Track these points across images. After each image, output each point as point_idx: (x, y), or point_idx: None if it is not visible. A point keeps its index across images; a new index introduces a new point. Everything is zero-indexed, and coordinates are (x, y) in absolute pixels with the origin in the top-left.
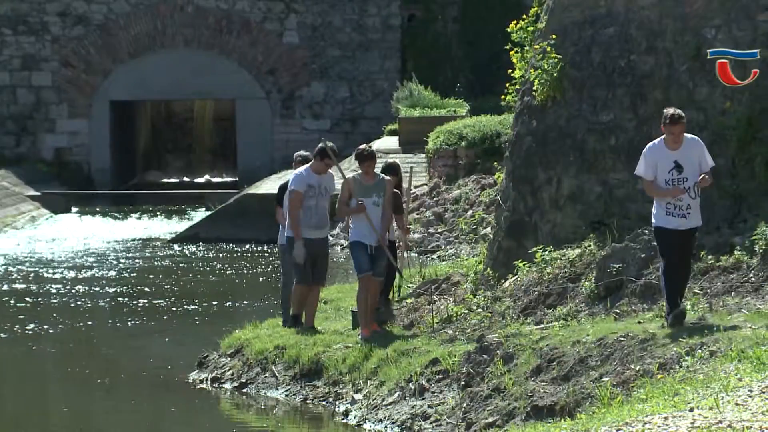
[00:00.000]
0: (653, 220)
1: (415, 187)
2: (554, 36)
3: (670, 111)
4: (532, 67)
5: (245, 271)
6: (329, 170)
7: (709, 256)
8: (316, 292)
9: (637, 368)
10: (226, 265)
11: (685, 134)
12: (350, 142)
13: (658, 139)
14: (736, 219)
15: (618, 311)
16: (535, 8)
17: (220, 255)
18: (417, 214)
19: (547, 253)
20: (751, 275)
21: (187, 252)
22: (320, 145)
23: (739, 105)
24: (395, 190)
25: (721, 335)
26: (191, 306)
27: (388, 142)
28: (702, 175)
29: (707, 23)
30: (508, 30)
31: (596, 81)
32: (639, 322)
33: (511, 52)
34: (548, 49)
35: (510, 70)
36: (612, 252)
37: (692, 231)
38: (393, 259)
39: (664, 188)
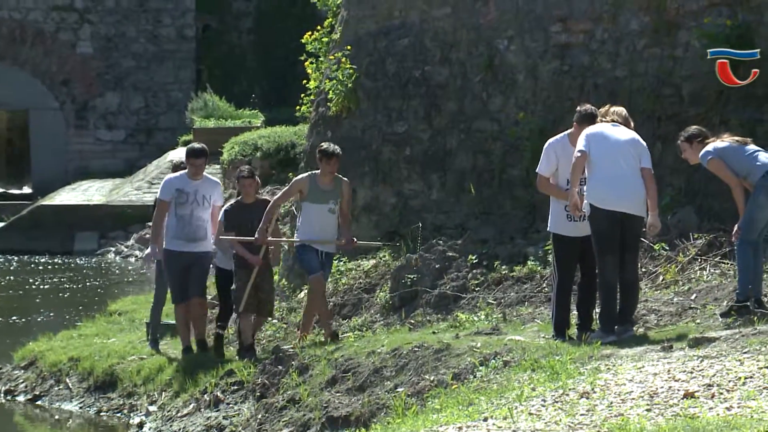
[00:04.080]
0: (549, 226)
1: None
2: (349, 47)
3: (586, 106)
4: (327, 78)
5: (39, 284)
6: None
7: (503, 267)
8: (197, 306)
9: (432, 378)
10: (20, 278)
11: None
12: (145, 153)
13: (561, 134)
14: (530, 229)
15: (413, 321)
16: (330, 19)
17: (13, 267)
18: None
19: (342, 263)
20: (544, 285)
21: None
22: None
23: (533, 115)
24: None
25: (515, 345)
26: None
27: (182, 153)
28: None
29: (501, 34)
30: (303, 41)
31: (391, 92)
32: (434, 333)
33: (306, 63)
34: (343, 59)
35: (305, 81)
36: (407, 263)
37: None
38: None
39: (564, 188)
